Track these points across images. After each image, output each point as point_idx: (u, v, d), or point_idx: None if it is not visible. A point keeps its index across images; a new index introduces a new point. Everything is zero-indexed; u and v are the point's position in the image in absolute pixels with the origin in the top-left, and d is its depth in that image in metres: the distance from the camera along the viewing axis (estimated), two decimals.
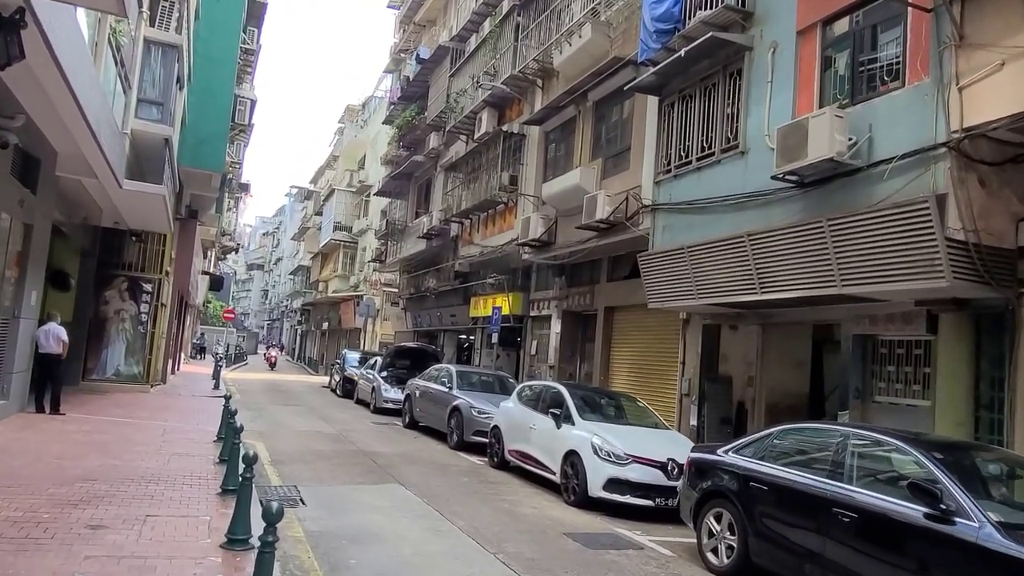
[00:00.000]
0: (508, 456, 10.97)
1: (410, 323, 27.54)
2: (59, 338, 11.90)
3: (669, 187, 11.25)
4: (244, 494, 5.50)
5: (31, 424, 10.54)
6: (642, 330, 13.73)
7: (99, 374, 16.74)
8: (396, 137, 27.84)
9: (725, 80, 10.30)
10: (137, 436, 10.43)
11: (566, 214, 14.54)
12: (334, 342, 45.28)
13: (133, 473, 7.82)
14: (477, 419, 12.74)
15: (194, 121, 18.06)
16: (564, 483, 9.19)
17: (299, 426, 14.68)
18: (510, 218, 17.74)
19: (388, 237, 28.25)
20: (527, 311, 18.01)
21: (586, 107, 14.33)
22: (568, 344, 16.40)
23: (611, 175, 13.28)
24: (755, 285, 9.13)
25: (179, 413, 14.06)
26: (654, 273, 11.25)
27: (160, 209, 14.25)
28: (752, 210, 9.39)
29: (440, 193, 23.69)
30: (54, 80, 7.65)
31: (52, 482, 7.00)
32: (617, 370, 14.44)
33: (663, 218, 11.34)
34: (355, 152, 43.81)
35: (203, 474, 8.22)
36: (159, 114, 13.41)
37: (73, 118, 8.82)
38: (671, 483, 8.54)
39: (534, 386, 11.57)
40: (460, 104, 20.45)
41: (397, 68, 32.27)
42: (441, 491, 9.07)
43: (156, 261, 17.78)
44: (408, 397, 16.11)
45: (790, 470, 5.86)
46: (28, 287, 11.08)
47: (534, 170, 16.66)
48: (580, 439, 9.08)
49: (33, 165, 10.57)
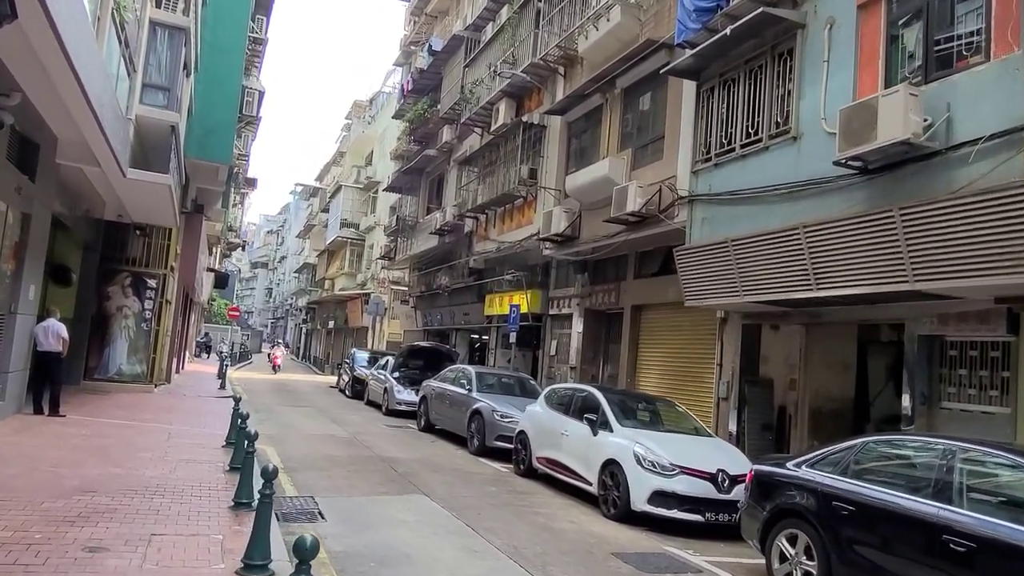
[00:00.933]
0: (536, 464, 10.27)
1: (420, 322, 26.85)
2: (59, 335, 11.23)
3: (708, 177, 10.54)
4: (263, 514, 4.82)
5: (28, 426, 9.87)
6: (673, 330, 13.01)
7: (101, 373, 16.09)
8: (407, 131, 27.16)
9: (773, 61, 9.58)
10: (140, 440, 9.76)
11: (591, 207, 13.84)
12: (340, 341, 44.63)
13: (136, 483, 7.14)
14: (500, 423, 12.04)
15: (201, 111, 17.39)
16: (602, 495, 8.48)
17: (310, 429, 14.00)
18: (529, 212, 17.03)
19: (398, 234, 27.56)
20: (546, 309, 17.30)
21: (613, 95, 13.62)
22: (591, 344, 15.69)
23: (642, 165, 12.57)
24: (810, 281, 8.41)
25: (184, 415, 13.40)
26: (692, 269, 10.54)
27: (165, 200, 13.58)
28: (807, 199, 8.67)
29: (453, 188, 22.98)
30: (52, 53, 6.97)
31: (47, 494, 6.32)
32: (645, 372, 13.73)
33: (702, 210, 10.63)
34: (363, 148, 43.17)
35: (212, 484, 7.53)
36: (165, 100, 12.74)
37: (73, 97, 8.14)
38: (722, 496, 7.84)
39: (564, 389, 10.87)
40: (476, 95, 19.75)
41: (407, 61, 31.58)
42: (469, 502, 8.37)
43: (161, 256, 17.13)
44: (423, 399, 15.42)
45: (884, 489, 5.14)
46: (26, 280, 10.42)
47: (555, 162, 15.94)
48: (620, 447, 8.38)
49: (31, 150, 9.90)
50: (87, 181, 13.20)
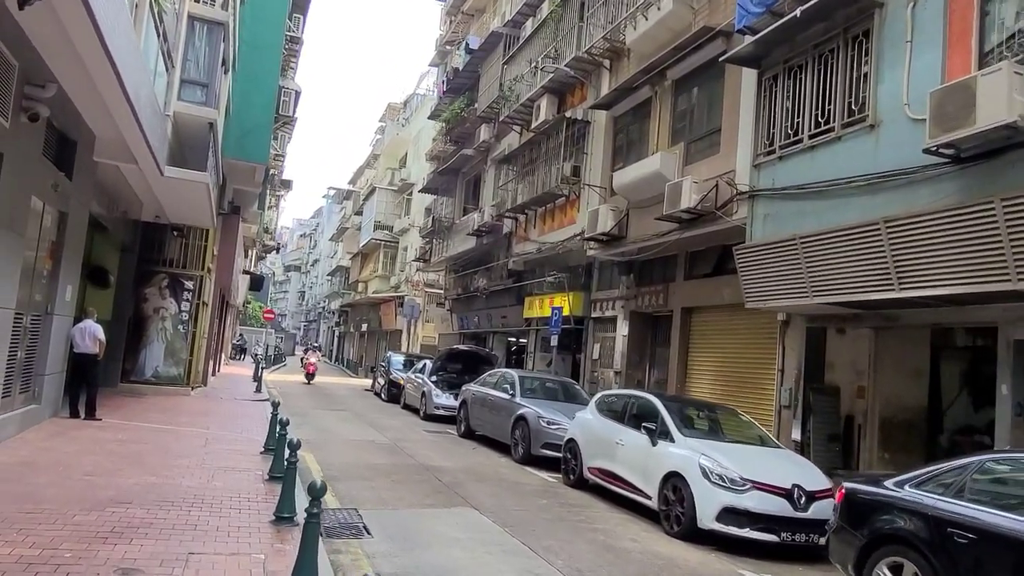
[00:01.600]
0: (588, 474, 9.69)
1: (456, 325, 26.42)
2: (95, 337, 10.98)
3: (772, 170, 9.88)
4: (310, 538, 4.32)
5: (63, 431, 9.59)
6: (728, 333, 12.34)
7: (137, 375, 15.91)
8: (443, 131, 26.78)
9: (846, 45, 8.90)
10: (177, 446, 9.42)
11: (639, 205, 13.23)
12: (373, 344, 44.49)
13: (173, 493, 6.75)
14: (546, 431, 11.48)
15: (238, 111, 17.17)
16: (663, 510, 7.87)
17: (348, 434, 13.60)
18: (572, 212, 16.47)
19: (433, 235, 27.19)
20: (588, 312, 16.71)
21: (664, 87, 13.00)
22: (636, 348, 15.06)
23: (696, 160, 11.93)
24: (891, 280, 7.72)
25: (221, 419, 13.09)
26: (753, 268, 9.89)
27: (203, 200, 13.32)
28: (888, 192, 7.98)
29: (491, 188, 22.52)
30: (88, 40, 6.63)
31: (80, 506, 5.94)
32: (697, 378, 13.06)
33: (764, 205, 9.97)
34: (397, 150, 43.01)
35: (252, 495, 7.11)
36: (204, 96, 12.46)
37: (110, 89, 7.82)
38: (799, 515, 7.19)
39: (617, 395, 10.27)
40: (515, 92, 19.25)
41: (443, 61, 31.24)
42: (521, 517, 7.83)
43: (198, 257, 16.93)
44: (463, 404, 14.93)
45: (1015, 516, 4.48)
46: (63, 281, 10.17)
47: (600, 159, 15.36)
48: (684, 459, 7.77)
49: (68, 148, 9.65)
50: (124, 181, 13.01)
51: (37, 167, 8.39)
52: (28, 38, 7.11)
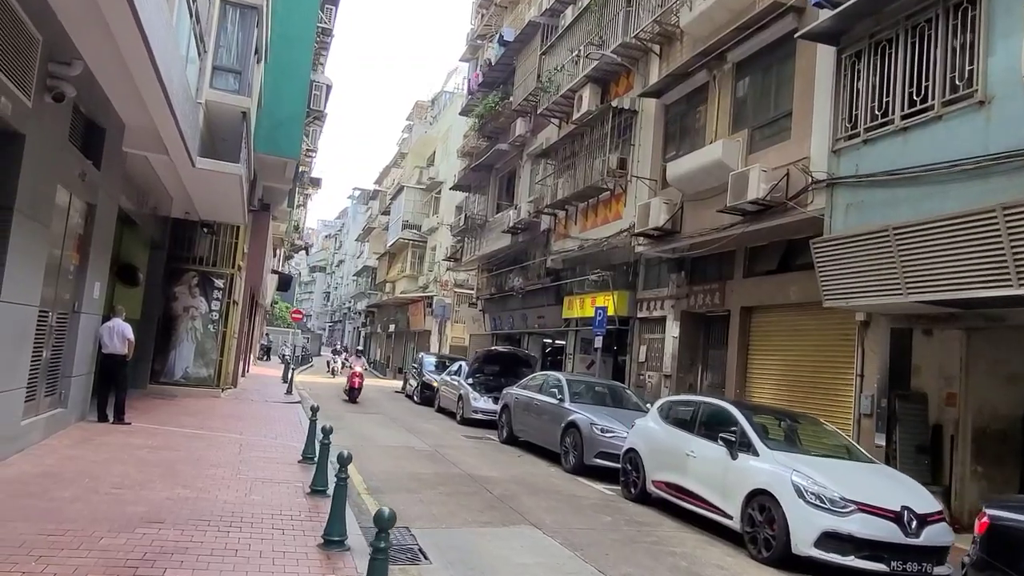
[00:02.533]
0: (652, 488, 8.87)
1: (488, 325, 25.70)
2: (124, 336, 10.41)
3: (855, 155, 8.99)
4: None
5: (91, 436, 9.00)
6: (794, 334, 11.45)
7: (167, 377, 15.41)
8: (476, 126, 26.08)
9: (946, 14, 7.99)
10: (210, 454, 8.78)
11: (696, 198, 12.39)
12: (400, 344, 43.98)
13: (208, 510, 6.08)
14: (600, 439, 10.68)
15: (269, 104, 16.62)
16: (749, 532, 7.04)
17: (386, 440, 12.92)
18: (617, 206, 15.65)
19: (465, 233, 26.49)
20: (634, 312, 15.88)
21: (723, 71, 12.14)
22: (687, 350, 14.20)
23: (762, 147, 11.06)
24: (1010, 276, 6.83)
25: (254, 423, 12.48)
26: (833, 264, 9.01)
27: (235, 194, 12.74)
28: (1003, 175, 7.07)
29: (527, 184, 21.78)
30: (120, 12, 5.99)
31: (107, 526, 5.29)
32: (758, 382, 12.18)
33: (846, 194, 9.08)
34: (425, 149, 42.45)
35: (294, 512, 6.42)
36: (236, 84, 11.87)
37: (141, 68, 7.19)
38: (910, 541, 6.33)
39: (683, 402, 9.45)
40: (554, 83, 18.48)
41: (474, 56, 30.57)
42: (588, 537, 7.06)
43: (228, 255, 16.40)
44: (505, 408, 14.18)
45: None
46: (91, 277, 9.60)
47: (649, 150, 14.53)
48: (772, 475, 6.93)
49: (96, 135, 9.07)
50: (154, 174, 12.46)
51: (63, 154, 7.79)
52: (52, 9, 6.50)
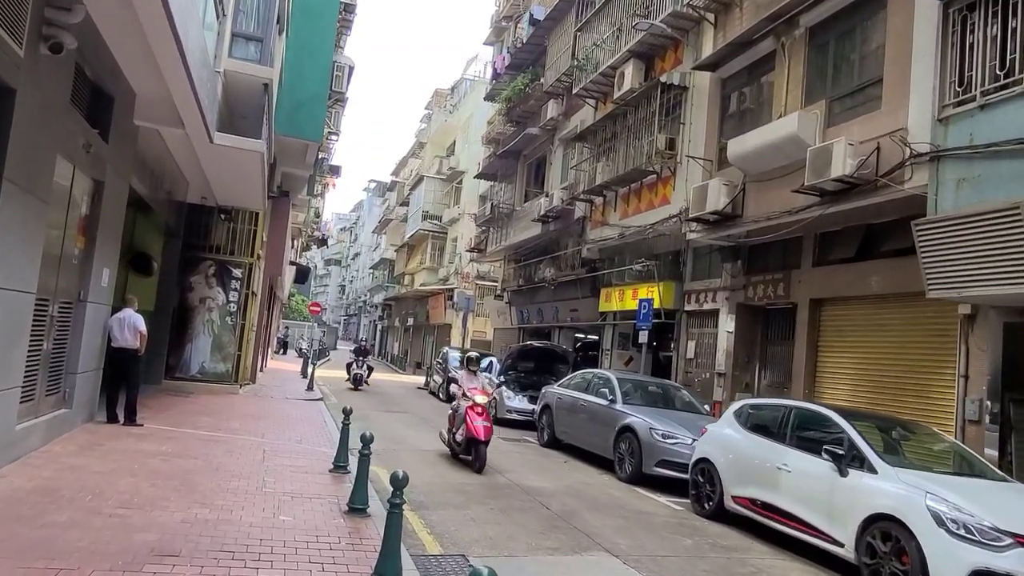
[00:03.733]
0: (731, 504, 7.78)
1: (515, 319, 24.61)
2: (136, 328, 9.43)
3: (968, 123, 7.81)
4: None
5: (98, 441, 8.02)
6: (876, 329, 10.27)
7: (183, 372, 14.47)
8: (503, 111, 24.94)
9: None
10: (231, 461, 7.78)
11: (761, 178, 11.22)
12: (419, 338, 43.03)
13: (231, 536, 5.06)
14: (661, 446, 9.59)
15: (290, 82, 15.52)
16: (870, 565, 5.91)
17: (418, 442, 11.90)
18: (664, 190, 14.49)
19: (490, 223, 25.39)
20: (681, 305, 14.73)
21: (794, 37, 10.94)
22: (744, 346, 13.04)
23: (844, 120, 9.86)
24: None
25: (275, 423, 11.49)
26: (941, 248, 7.84)
27: (255, 174, 11.74)
28: None
29: (559, 170, 20.63)
30: None
31: (110, 559, 4.29)
32: (830, 382, 11.02)
33: (957, 168, 7.90)
34: (445, 138, 41.38)
35: (332, 536, 5.40)
36: (258, 53, 10.79)
37: (154, 18, 6.15)
38: None
39: (766, 406, 8.34)
40: (592, 61, 17.31)
41: (499, 39, 29.41)
42: (675, 568, 5.99)
43: (247, 243, 15.42)
44: (545, 409, 13.11)
45: None
46: (98, 263, 8.61)
47: (703, 128, 13.35)
48: (900, 499, 5.80)
49: (104, 103, 8.08)
50: (168, 155, 11.50)
51: (63, 119, 6.78)
52: None
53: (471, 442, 9.38)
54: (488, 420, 9.53)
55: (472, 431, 9.30)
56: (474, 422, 9.35)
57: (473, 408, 9.54)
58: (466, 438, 9.49)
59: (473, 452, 9.36)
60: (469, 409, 9.55)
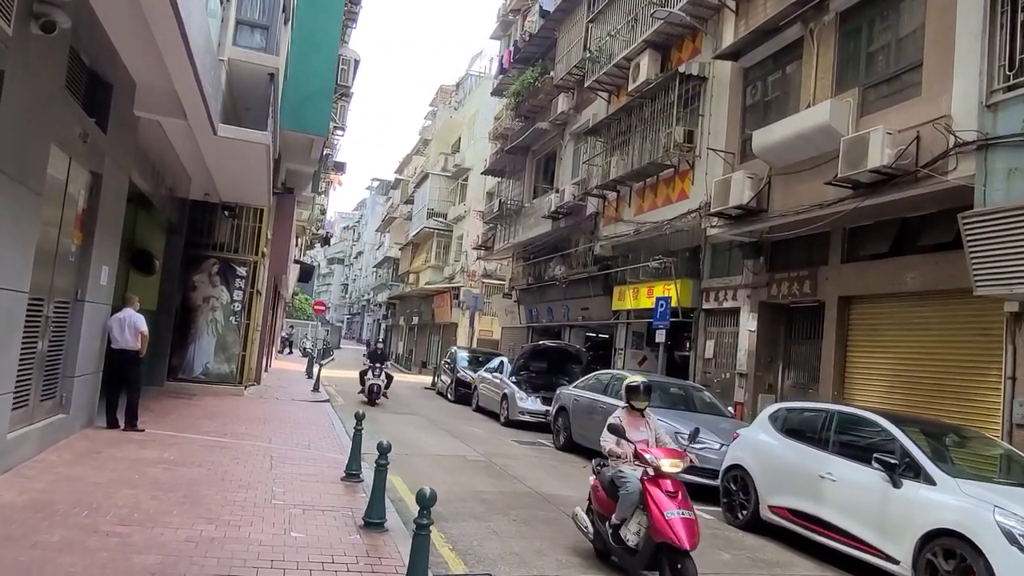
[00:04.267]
0: (767, 514, 7.32)
1: (524, 317, 24.17)
2: (136, 329, 9.00)
3: (1020, 108, 7.34)
4: None
5: (96, 448, 7.58)
6: (911, 328, 9.82)
7: (186, 373, 14.04)
8: (511, 106, 24.48)
9: None
10: (237, 470, 7.34)
11: (788, 170, 10.75)
12: (424, 338, 42.58)
13: (241, 557, 4.62)
14: (689, 451, 9.10)
15: (295, 76, 15.08)
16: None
17: (431, 446, 11.46)
18: (682, 184, 14.04)
19: (498, 220, 24.94)
20: (699, 303, 14.28)
21: (823, 22, 10.47)
22: (766, 345, 12.59)
23: (880, 108, 9.39)
24: None
25: (282, 427, 11.05)
26: (990, 242, 7.38)
27: (260, 168, 11.28)
28: None
29: (570, 165, 20.18)
30: None
31: None
32: (860, 384, 10.55)
33: (1008, 157, 7.44)
34: (450, 135, 40.91)
35: (349, 556, 4.97)
36: (263, 41, 10.39)
37: (156, 6, 5.72)
38: None
39: (804, 409, 7.87)
40: (605, 52, 16.84)
41: (506, 33, 28.94)
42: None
43: (251, 241, 14.98)
44: (561, 411, 12.67)
45: None
46: (97, 260, 8.18)
47: (724, 119, 12.88)
48: (964, 513, 5.34)
49: (102, 91, 7.64)
50: (170, 149, 11.07)
51: (57, 106, 6.34)
52: None
53: (664, 550, 4.95)
54: (691, 507, 5.07)
55: (665, 531, 4.86)
56: (666, 512, 4.93)
57: (656, 483, 5.15)
58: (651, 541, 5.03)
59: (668, 570, 4.91)
60: (650, 485, 5.15)
